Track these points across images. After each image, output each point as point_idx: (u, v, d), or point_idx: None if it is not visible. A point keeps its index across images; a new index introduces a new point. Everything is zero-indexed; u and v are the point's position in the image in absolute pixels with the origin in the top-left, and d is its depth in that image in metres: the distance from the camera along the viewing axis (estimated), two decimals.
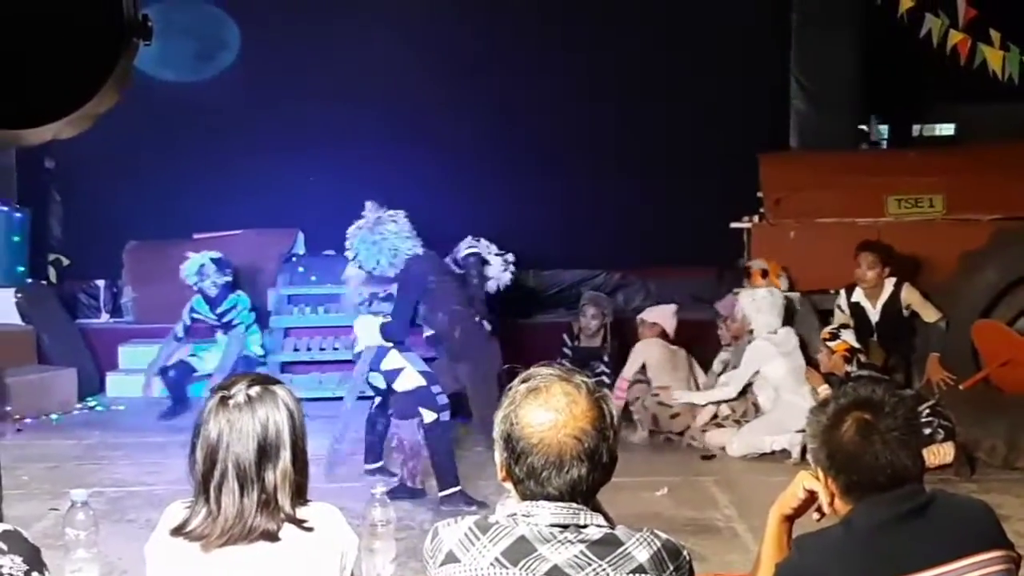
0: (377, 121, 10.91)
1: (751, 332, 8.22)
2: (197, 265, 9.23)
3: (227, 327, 9.37)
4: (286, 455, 2.60)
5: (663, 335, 8.73)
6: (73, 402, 9.58)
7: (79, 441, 8.32)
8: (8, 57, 2.03)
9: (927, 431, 6.99)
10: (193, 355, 9.53)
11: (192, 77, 10.80)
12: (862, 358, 7.87)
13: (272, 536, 2.55)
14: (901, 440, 2.60)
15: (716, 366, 8.68)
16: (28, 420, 8.96)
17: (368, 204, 6.97)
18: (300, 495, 2.64)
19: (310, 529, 2.60)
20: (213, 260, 9.25)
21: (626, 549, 2.23)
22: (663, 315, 8.88)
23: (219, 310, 9.32)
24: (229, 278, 9.31)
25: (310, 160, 10.83)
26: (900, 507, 2.57)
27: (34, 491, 6.74)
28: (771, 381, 7.90)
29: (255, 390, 2.61)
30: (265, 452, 2.57)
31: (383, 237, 6.81)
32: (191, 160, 10.80)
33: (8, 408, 8.88)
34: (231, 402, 2.58)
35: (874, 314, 8.32)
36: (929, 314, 8.11)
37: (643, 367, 8.52)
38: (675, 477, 7.19)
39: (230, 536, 2.54)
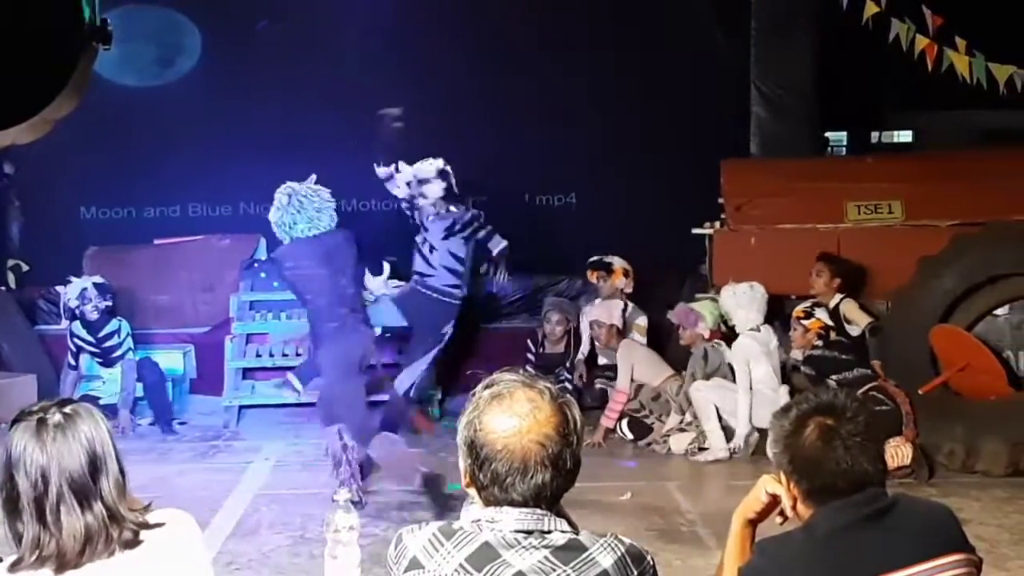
0: (338, 126, 10.86)
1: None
2: (79, 289, 9.16)
3: (108, 352, 9.25)
4: (113, 464, 2.60)
5: (619, 332, 8.77)
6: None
7: None
8: None
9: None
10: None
11: (153, 82, 10.73)
12: (833, 335, 7.95)
13: (133, 544, 2.57)
14: (862, 445, 2.62)
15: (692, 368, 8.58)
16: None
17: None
18: (128, 503, 2.64)
19: (161, 524, 2.62)
20: (95, 285, 9.18)
21: (590, 555, 2.24)
22: (607, 311, 8.88)
23: (100, 335, 9.23)
24: (110, 303, 9.23)
25: (272, 166, 10.76)
26: (861, 511, 2.59)
27: None
28: (752, 379, 7.93)
29: (68, 408, 2.62)
30: (95, 465, 2.57)
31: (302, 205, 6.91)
32: (152, 165, 10.73)
33: None
34: (50, 423, 2.57)
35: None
36: (861, 322, 8.25)
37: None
38: (639, 482, 7.21)
39: (86, 553, 2.53)
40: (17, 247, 11.35)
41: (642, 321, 9.05)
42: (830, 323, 7.98)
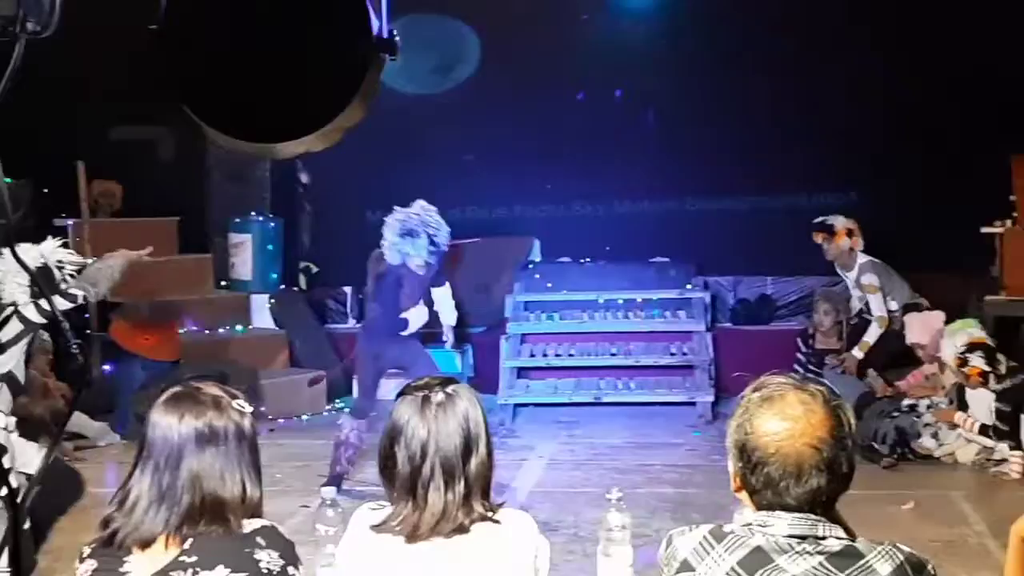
0: (615, 127, 10.93)
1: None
2: None
3: None
4: (483, 449, 2.69)
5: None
6: (322, 403, 9.97)
7: (328, 441, 8.64)
8: (263, 76, 2.15)
9: None
10: None
11: (433, 89, 11.06)
12: (1000, 371, 7.54)
13: (465, 529, 2.64)
14: None
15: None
16: (280, 420, 9.38)
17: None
18: (486, 494, 2.72)
19: (497, 522, 2.67)
20: None
21: (867, 562, 2.17)
22: (928, 327, 8.39)
23: None
24: None
25: (546, 168, 10.94)
26: None
27: (286, 489, 7.09)
28: None
29: (451, 388, 2.72)
30: (467, 446, 2.66)
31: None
32: (431, 169, 11.06)
33: (262, 408, 9.32)
34: (433, 401, 2.68)
35: None
36: None
37: None
38: (922, 491, 6.94)
39: (435, 529, 2.63)
40: (307, 250, 11.94)
41: None
42: (987, 368, 7.51)
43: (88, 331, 10.08)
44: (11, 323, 5.29)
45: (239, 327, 10.66)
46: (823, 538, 2.19)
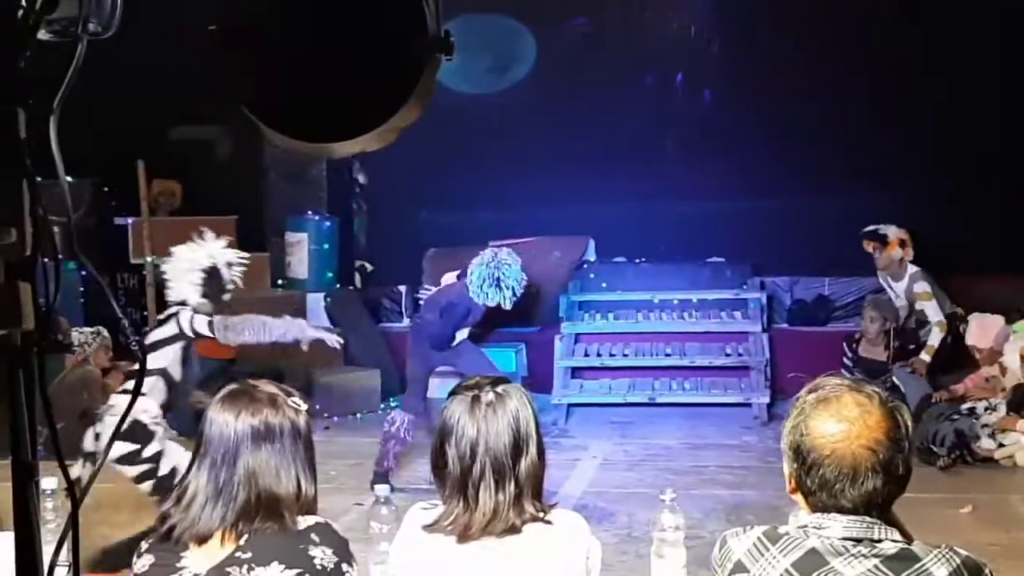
0: (671, 127, 10.90)
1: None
2: None
3: None
4: (533, 449, 2.69)
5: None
6: (376, 402, 10.02)
7: None
8: (319, 76, 2.16)
9: None
10: None
11: (488, 89, 11.08)
12: None
13: (516, 530, 2.64)
14: None
15: None
16: (335, 418, 9.45)
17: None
18: (538, 494, 2.71)
19: (549, 522, 2.67)
20: None
21: (923, 565, 2.15)
22: (987, 331, 8.37)
23: None
24: None
25: (600, 168, 10.93)
26: None
27: (340, 486, 7.14)
28: None
29: (501, 388, 2.72)
30: (517, 446, 2.67)
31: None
32: (486, 169, 11.09)
33: (317, 406, 9.38)
34: (483, 401, 2.68)
35: None
36: None
37: None
38: (981, 494, 6.85)
39: (486, 530, 2.63)
40: (363, 249, 12.01)
41: None
42: None
43: (146, 328, 10.21)
44: (170, 323, 5.48)
45: None
46: (879, 541, 2.18)
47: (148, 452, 5.34)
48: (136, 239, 10.40)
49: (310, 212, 11.12)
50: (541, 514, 2.68)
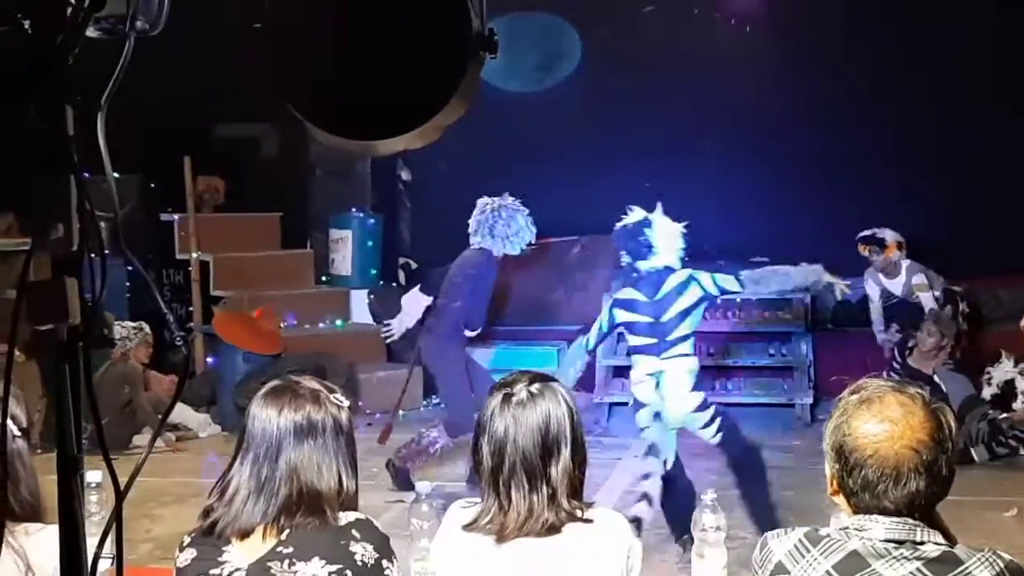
0: (713, 127, 10.84)
1: None
2: None
3: None
4: (566, 450, 2.67)
5: None
6: (419, 399, 10.04)
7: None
8: (364, 74, 2.18)
9: None
10: None
11: (534, 87, 11.08)
12: None
13: (556, 529, 2.63)
14: None
15: None
16: (377, 415, 9.47)
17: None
18: (577, 493, 2.70)
19: (590, 521, 2.65)
20: None
21: (966, 568, 2.13)
22: None
23: None
24: None
25: (645, 166, 10.89)
26: None
27: (381, 483, 7.16)
28: None
29: (536, 386, 2.70)
30: (547, 446, 2.64)
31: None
32: (530, 166, 11.07)
33: (360, 403, 9.41)
34: (514, 399, 2.68)
35: None
36: None
37: None
38: None
39: (523, 530, 2.63)
40: (408, 246, 12.04)
41: None
42: None
43: (191, 324, 10.30)
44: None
45: (338, 322, 10.80)
46: (921, 543, 2.16)
47: None
48: (182, 235, 10.50)
49: (354, 209, 11.16)
50: (580, 513, 2.66)
